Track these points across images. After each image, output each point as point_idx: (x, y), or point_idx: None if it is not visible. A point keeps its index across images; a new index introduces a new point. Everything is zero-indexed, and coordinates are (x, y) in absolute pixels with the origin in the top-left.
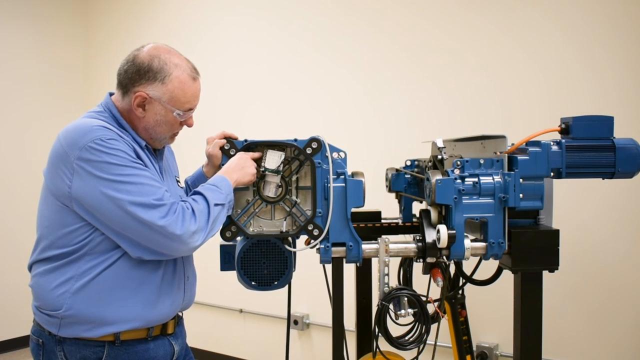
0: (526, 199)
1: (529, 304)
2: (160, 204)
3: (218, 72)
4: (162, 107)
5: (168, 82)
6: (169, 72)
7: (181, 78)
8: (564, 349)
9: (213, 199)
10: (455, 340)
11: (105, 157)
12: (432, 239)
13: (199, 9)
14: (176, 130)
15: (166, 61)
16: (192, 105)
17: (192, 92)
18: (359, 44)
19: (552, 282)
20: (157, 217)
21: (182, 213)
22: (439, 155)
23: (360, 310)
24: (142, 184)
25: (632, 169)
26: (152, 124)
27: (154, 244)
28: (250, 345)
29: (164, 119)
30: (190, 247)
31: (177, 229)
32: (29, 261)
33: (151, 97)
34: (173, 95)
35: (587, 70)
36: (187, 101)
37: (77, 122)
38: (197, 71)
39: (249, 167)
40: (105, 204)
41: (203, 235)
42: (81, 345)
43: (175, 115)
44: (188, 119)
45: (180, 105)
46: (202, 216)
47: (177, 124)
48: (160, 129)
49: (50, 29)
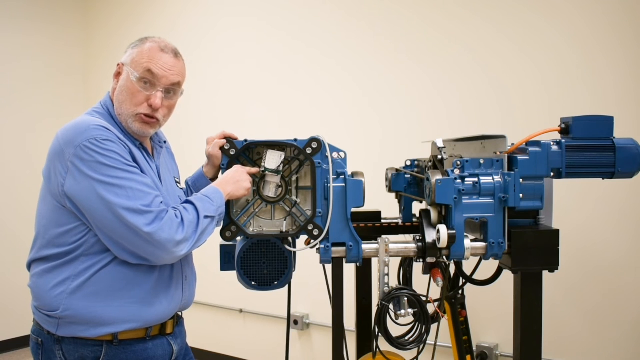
0: (526, 199)
1: (529, 304)
2: (147, 211)
3: (217, 72)
4: (125, 72)
5: (137, 48)
6: (145, 42)
7: (151, 46)
8: (564, 349)
9: (204, 210)
10: (455, 340)
11: (98, 157)
12: (432, 239)
13: (199, 9)
14: (140, 104)
15: (150, 38)
16: (149, 67)
17: (155, 56)
18: (359, 45)
19: (552, 282)
20: (143, 223)
21: (170, 221)
22: (439, 155)
23: (360, 310)
24: (131, 188)
25: (632, 169)
26: (118, 92)
27: (138, 250)
28: (250, 345)
29: (125, 85)
30: (173, 256)
31: (163, 237)
32: (27, 259)
33: (122, 63)
34: (134, 56)
35: (587, 70)
36: (144, 62)
37: (75, 121)
38: (174, 50)
39: (244, 181)
40: (94, 204)
41: (189, 245)
42: (79, 344)
43: (133, 79)
44: (151, 96)
45: (138, 65)
46: (191, 226)
47: (139, 95)
48: (122, 97)
49: (50, 29)
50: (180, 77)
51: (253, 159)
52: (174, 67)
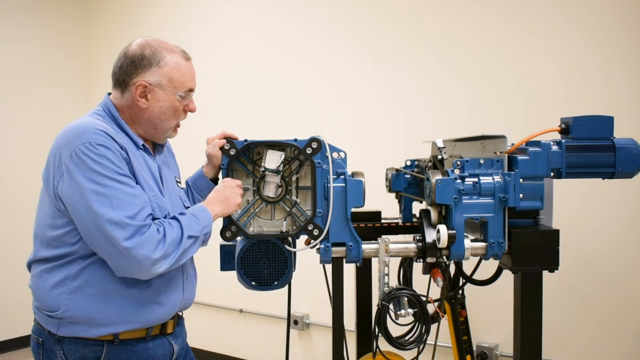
0: (526, 199)
1: (529, 304)
2: (128, 224)
3: (217, 71)
4: (163, 92)
5: (164, 65)
6: (162, 55)
7: (175, 59)
8: (564, 349)
9: (188, 229)
10: (455, 340)
11: (89, 162)
12: (432, 239)
13: (199, 10)
14: (180, 117)
15: (157, 47)
16: (190, 85)
17: (187, 70)
18: (359, 45)
19: (552, 282)
20: (123, 237)
21: (150, 237)
22: (439, 155)
23: (360, 310)
24: (116, 197)
25: (632, 169)
26: (157, 112)
27: (114, 262)
28: (250, 345)
29: (167, 105)
30: (149, 273)
31: (140, 254)
32: (27, 259)
33: (151, 84)
34: (171, 76)
35: (587, 70)
36: (185, 80)
37: (75, 123)
38: (188, 54)
39: (233, 197)
40: (80, 211)
41: (167, 263)
42: (80, 344)
43: (177, 98)
44: (189, 103)
45: (180, 85)
46: (172, 245)
47: (181, 109)
48: (164, 116)
49: (52, 27)
50: None
51: (253, 159)
52: (195, 71)
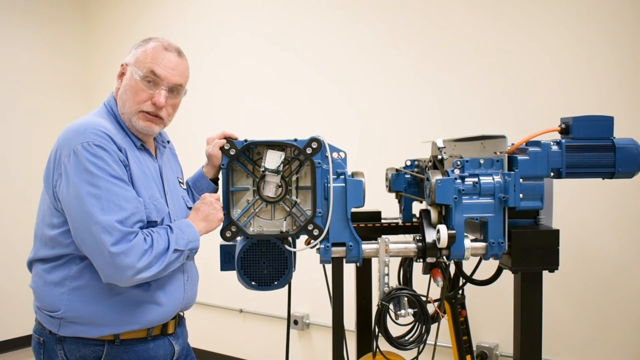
0: (526, 199)
1: (529, 304)
2: (117, 228)
3: (216, 71)
4: (129, 71)
5: (141, 47)
6: (148, 41)
7: (154, 45)
8: (564, 349)
9: (175, 242)
10: (455, 340)
11: (85, 162)
12: (432, 239)
13: (201, 12)
14: (142, 102)
15: (151, 37)
16: (154, 68)
17: (156, 55)
18: (359, 44)
19: (552, 282)
20: (110, 242)
21: (137, 246)
22: (439, 155)
23: (360, 310)
24: (107, 200)
25: (632, 169)
26: (121, 91)
27: (98, 264)
28: (250, 345)
29: (128, 83)
30: (131, 281)
31: (124, 262)
32: (27, 258)
33: (126, 63)
34: (138, 55)
35: (587, 70)
36: (148, 62)
37: (78, 121)
38: (178, 49)
39: (215, 213)
40: (72, 209)
41: (149, 273)
42: (81, 344)
43: (136, 77)
44: (156, 94)
45: (141, 64)
46: (157, 256)
47: (141, 93)
48: (125, 96)
49: (51, 29)
50: (183, 78)
51: (253, 159)
52: (178, 66)
